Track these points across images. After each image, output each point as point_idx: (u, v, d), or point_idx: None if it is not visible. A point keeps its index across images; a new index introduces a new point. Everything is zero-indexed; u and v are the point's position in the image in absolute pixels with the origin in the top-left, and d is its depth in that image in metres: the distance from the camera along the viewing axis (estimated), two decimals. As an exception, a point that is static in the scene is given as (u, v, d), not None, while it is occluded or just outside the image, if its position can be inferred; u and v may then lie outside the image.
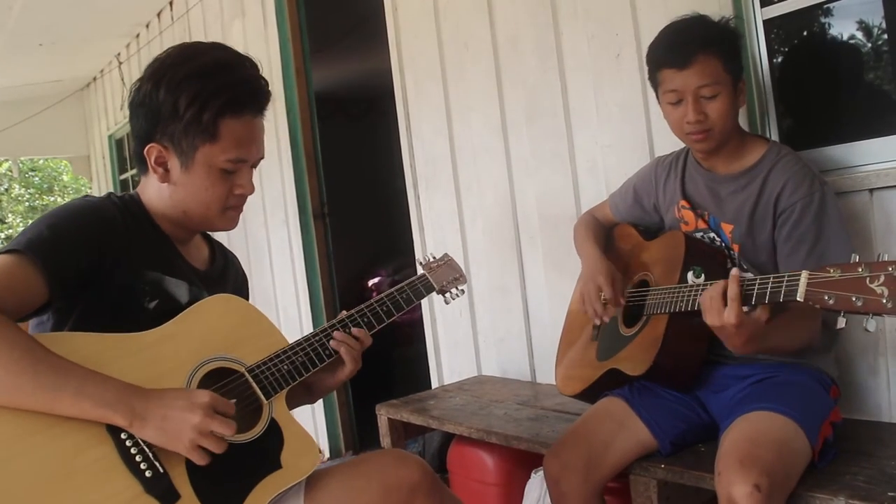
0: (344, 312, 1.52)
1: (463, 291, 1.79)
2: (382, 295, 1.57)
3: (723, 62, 1.59)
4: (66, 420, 1.14)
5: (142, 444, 1.17)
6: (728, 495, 1.32)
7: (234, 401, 1.25)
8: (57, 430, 1.13)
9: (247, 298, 1.57)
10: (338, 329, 1.48)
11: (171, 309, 1.34)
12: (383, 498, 1.31)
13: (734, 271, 1.32)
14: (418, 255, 2.94)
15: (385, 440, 2.48)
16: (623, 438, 1.64)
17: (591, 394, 1.84)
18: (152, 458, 1.17)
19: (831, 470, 1.46)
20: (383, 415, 2.46)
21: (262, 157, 1.42)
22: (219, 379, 1.32)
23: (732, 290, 1.30)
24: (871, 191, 1.74)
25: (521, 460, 2.13)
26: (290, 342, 1.43)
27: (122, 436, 1.17)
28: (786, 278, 1.23)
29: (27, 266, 1.19)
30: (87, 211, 1.31)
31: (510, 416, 2.16)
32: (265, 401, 1.34)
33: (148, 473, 1.16)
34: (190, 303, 1.38)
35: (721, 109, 1.60)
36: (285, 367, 1.38)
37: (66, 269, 1.23)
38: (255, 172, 1.44)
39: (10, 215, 14.27)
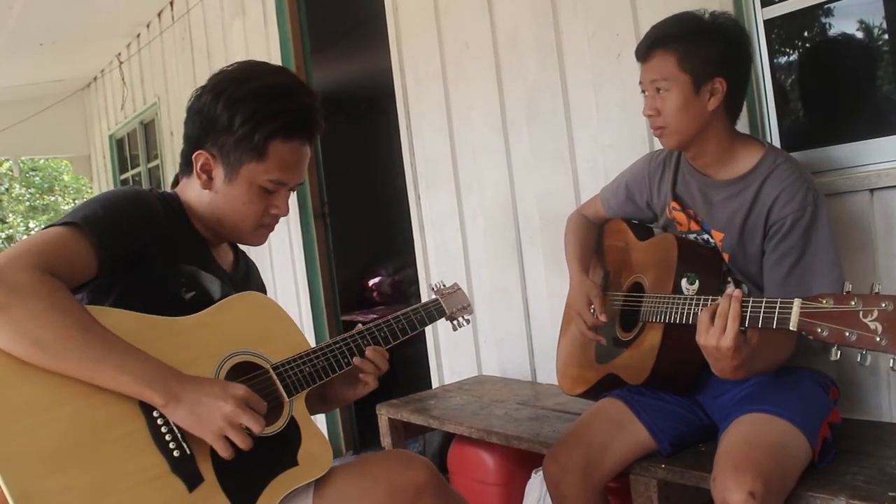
0: (360, 325, 1.56)
1: (468, 321, 1.83)
2: (399, 314, 1.63)
3: (677, 59, 1.57)
4: (102, 391, 1.16)
5: (172, 424, 1.20)
6: (723, 502, 1.32)
7: (265, 403, 1.27)
8: (92, 401, 1.16)
9: None
10: (358, 341, 1.51)
11: (205, 302, 1.39)
12: (390, 498, 1.34)
13: (737, 292, 1.29)
14: (430, 280, 2.95)
15: (385, 440, 2.48)
16: (622, 440, 1.64)
17: (591, 394, 1.85)
18: (181, 439, 1.20)
19: (831, 470, 1.46)
20: (384, 414, 2.46)
21: (302, 183, 1.47)
22: (245, 372, 1.36)
23: (734, 310, 1.28)
24: (871, 191, 1.73)
25: (521, 460, 2.13)
26: (313, 346, 1.47)
27: (155, 414, 1.20)
28: (778, 305, 1.22)
29: (82, 240, 1.23)
30: (137, 197, 1.37)
31: (510, 416, 2.16)
32: (287, 398, 1.37)
33: (176, 453, 1.19)
34: (221, 300, 1.42)
35: (671, 105, 1.59)
36: (307, 368, 1.42)
37: (117, 248, 1.27)
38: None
39: (10, 215, 14.27)
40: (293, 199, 3.71)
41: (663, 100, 1.60)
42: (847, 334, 1.10)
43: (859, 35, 1.84)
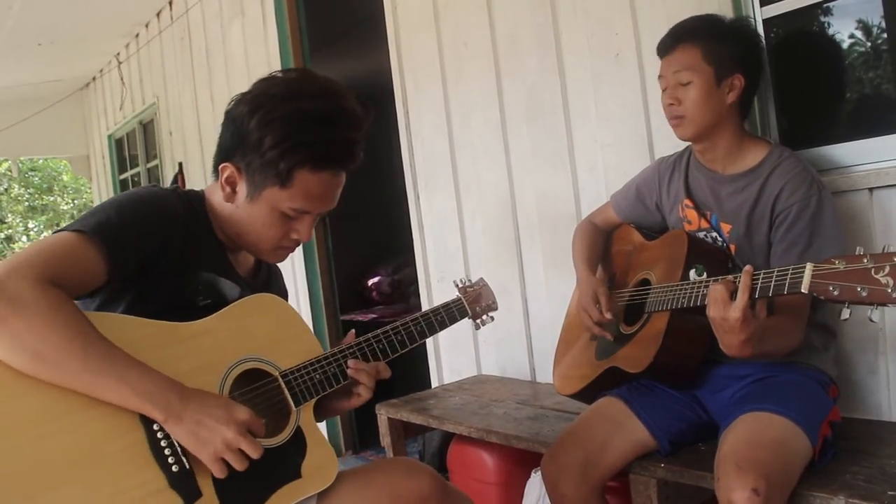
0: (379, 330, 1.51)
1: (493, 318, 1.77)
2: (418, 315, 1.57)
3: (702, 52, 1.64)
4: (102, 404, 1.15)
5: (173, 438, 1.18)
6: (727, 501, 1.32)
7: (263, 422, 1.25)
8: (92, 413, 1.14)
9: None
10: (374, 346, 1.47)
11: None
12: None
13: (747, 267, 1.32)
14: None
15: (385, 439, 2.48)
16: (621, 438, 1.63)
17: (589, 393, 1.84)
18: (181, 453, 1.18)
19: (831, 469, 1.46)
20: (383, 414, 2.46)
21: (332, 209, 1.40)
22: (253, 380, 1.33)
23: (744, 282, 1.30)
24: (870, 190, 1.74)
25: (521, 459, 2.13)
26: (325, 351, 1.43)
27: (155, 427, 1.18)
28: (790, 270, 1.23)
29: (91, 248, 1.20)
30: (154, 201, 1.32)
31: (510, 416, 2.16)
32: (294, 408, 1.34)
33: (175, 468, 1.17)
34: None
35: (693, 97, 1.64)
36: (318, 376, 1.38)
37: (128, 257, 1.24)
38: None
39: (9, 215, 14.27)
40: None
41: (685, 90, 1.65)
42: (859, 290, 1.11)
43: (858, 34, 1.84)
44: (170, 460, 1.17)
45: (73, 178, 13.35)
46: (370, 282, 5.88)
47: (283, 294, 1.62)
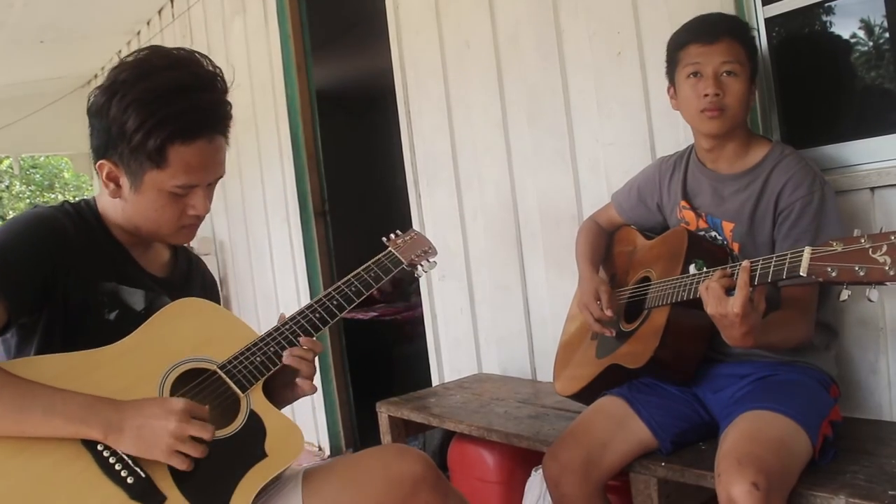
0: (313, 300, 1.49)
1: (435, 263, 1.76)
2: (350, 276, 1.55)
3: (746, 50, 1.65)
4: (41, 440, 1.14)
5: (120, 451, 1.17)
6: (727, 495, 1.32)
7: (206, 406, 1.24)
8: (32, 451, 1.13)
9: (218, 303, 1.54)
10: (310, 316, 1.45)
11: (131, 318, 1.34)
12: (386, 491, 1.31)
13: (745, 263, 1.33)
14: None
15: (386, 438, 2.48)
16: (622, 438, 1.63)
17: (589, 392, 1.84)
18: (132, 464, 1.17)
19: (832, 468, 1.46)
20: (384, 412, 2.46)
21: (221, 176, 1.37)
22: (191, 380, 1.31)
23: (742, 279, 1.32)
24: (872, 189, 1.74)
25: (521, 458, 2.13)
26: (261, 334, 1.41)
27: (99, 447, 1.17)
28: (789, 255, 1.24)
29: None
30: (36, 224, 1.29)
31: (511, 414, 2.16)
32: (241, 394, 1.33)
33: (130, 480, 1.16)
34: (146, 310, 1.37)
35: (739, 90, 1.63)
36: (258, 358, 1.37)
37: (20, 288, 1.22)
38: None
39: (11, 212, 14.28)
40: (294, 198, 3.71)
41: (731, 82, 1.64)
42: (857, 269, 1.12)
43: (860, 33, 1.84)
44: (122, 474, 1.16)
45: (74, 176, 13.35)
46: (371, 280, 5.88)
47: (210, 284, 1.60)
